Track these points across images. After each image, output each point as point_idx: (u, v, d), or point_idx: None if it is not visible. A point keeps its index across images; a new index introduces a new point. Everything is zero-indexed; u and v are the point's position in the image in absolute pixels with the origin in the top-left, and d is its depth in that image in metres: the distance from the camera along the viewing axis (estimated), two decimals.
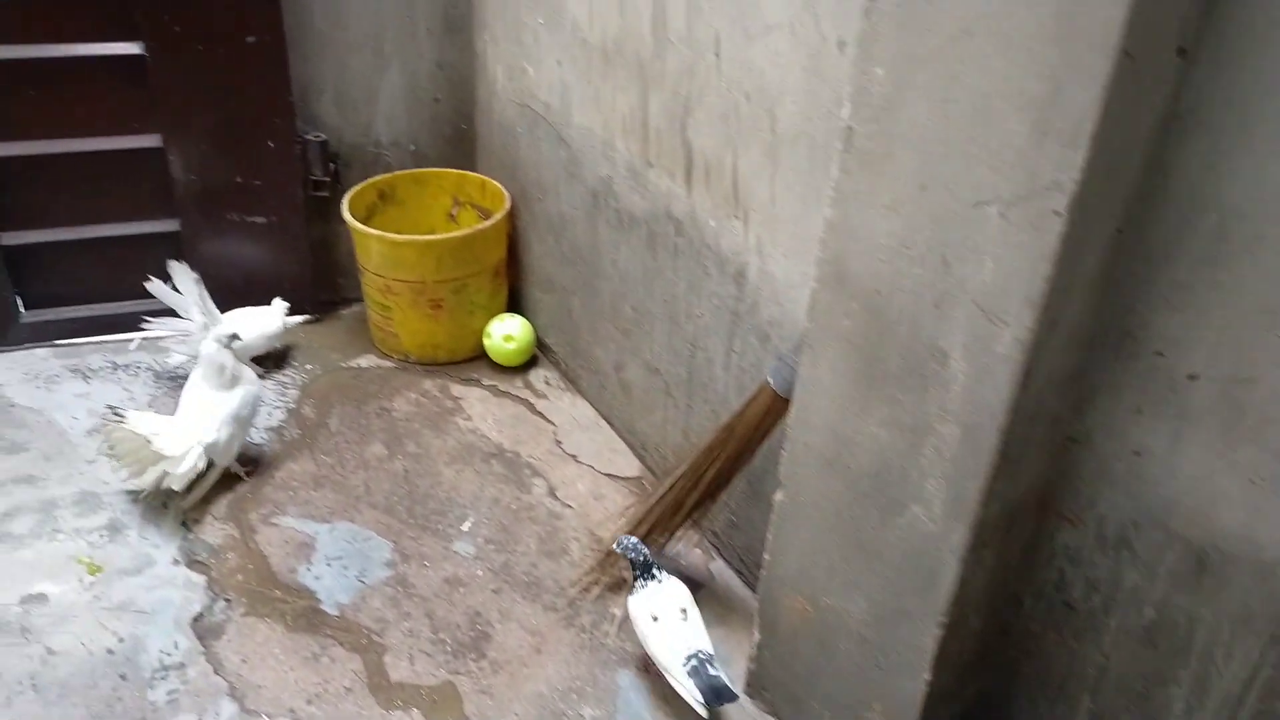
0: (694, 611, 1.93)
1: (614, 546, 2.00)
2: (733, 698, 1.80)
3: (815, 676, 1.76)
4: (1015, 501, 1.42)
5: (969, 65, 1.15)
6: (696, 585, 2.20)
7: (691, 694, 1.79)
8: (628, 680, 1.98)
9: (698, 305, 2.11)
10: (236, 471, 2.38)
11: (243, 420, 2.35)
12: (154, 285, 2.51)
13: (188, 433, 2.24)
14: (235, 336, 2.36)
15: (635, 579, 1.96)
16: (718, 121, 1.87)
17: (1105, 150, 1.08)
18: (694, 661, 1.82)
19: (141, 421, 2.19)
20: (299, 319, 2.84)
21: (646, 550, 1.96)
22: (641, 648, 1.96)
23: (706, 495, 1.98)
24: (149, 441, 2.17)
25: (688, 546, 2.23)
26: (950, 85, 1.18)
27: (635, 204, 2.24)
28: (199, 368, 2.36)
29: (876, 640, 1.60)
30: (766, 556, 1.77)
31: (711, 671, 1.82)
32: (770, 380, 1.77)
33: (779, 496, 1.69)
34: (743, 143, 1.82)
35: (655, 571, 1.96)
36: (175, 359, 2.65)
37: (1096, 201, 1.13)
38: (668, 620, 1.89)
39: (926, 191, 1.25)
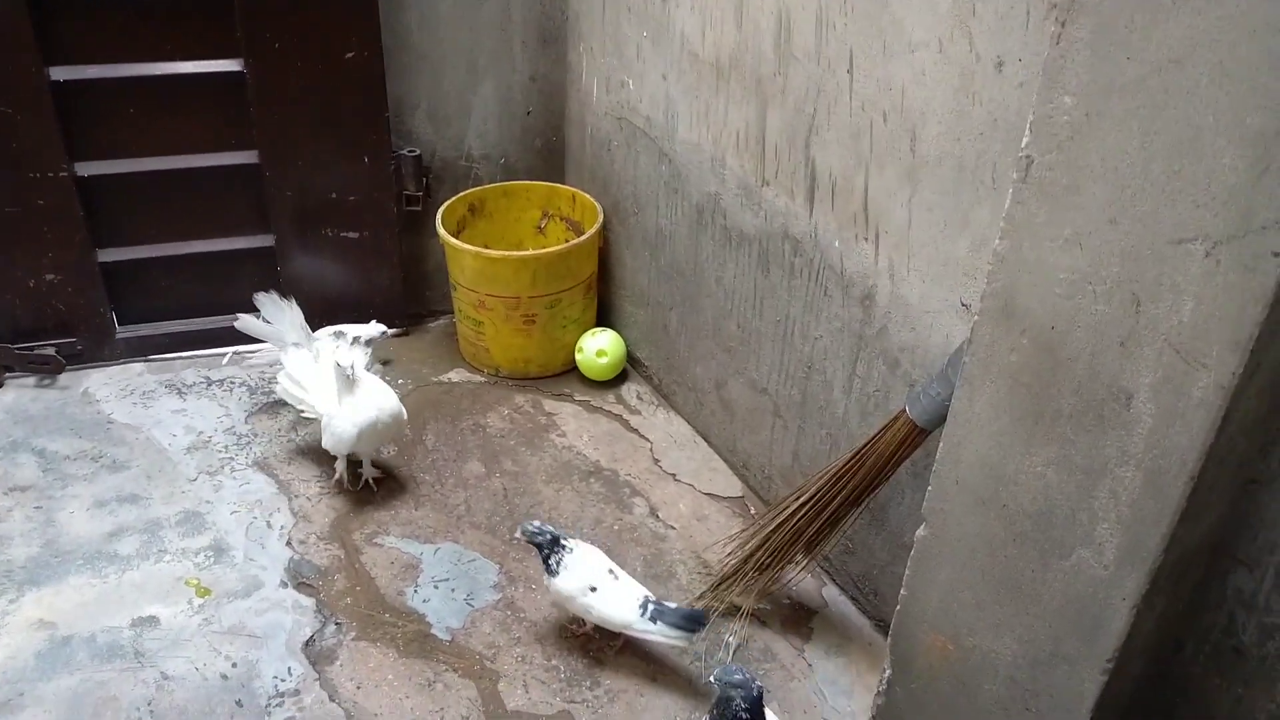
0: (616, 566, 2.00)
1: (518, 534, 2.01)
2: (705, 620, 1.93)
3: (953, 716, 1.70)
4: (1193, 547, 1.35)
5: (1176, 96, 1.09)
6: (810, 612, 2.16)
7: (666, 636, 1.90)
8: None
9: (815, 326, 2.06)
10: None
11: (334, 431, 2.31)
12: (243, 321, 2.46)
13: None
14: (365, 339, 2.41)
15: (548, 559, 1.96)
16: (848, 140, 1.82)
17: None
18: (651, 608, 1.91)
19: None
20: (390, 331, 2.82)
21: (549, 526, 1.98)
22: (578, 622, 2.04)
23: (829, 523, 1.93)
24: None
25: (799, 573, 2.18)
26: (1154, 116, 1.11)
27: (746, 221, 2.19)
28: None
29: (1028, 683, 1.53)
30: (904, 592, 1.71)
31: (671, 606, 1.93)
32: (908, 410, 1.72)
33: (922, 532, 1.63)
34: (876, 163, 1.76)
35: (564, 542, 1.97)
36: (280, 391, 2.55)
37: None
38: (605, 583, 1.95)
39: (1117, 226, 1.19)
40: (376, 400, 2.27)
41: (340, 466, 2.39)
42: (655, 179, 2.52)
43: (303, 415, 2.46)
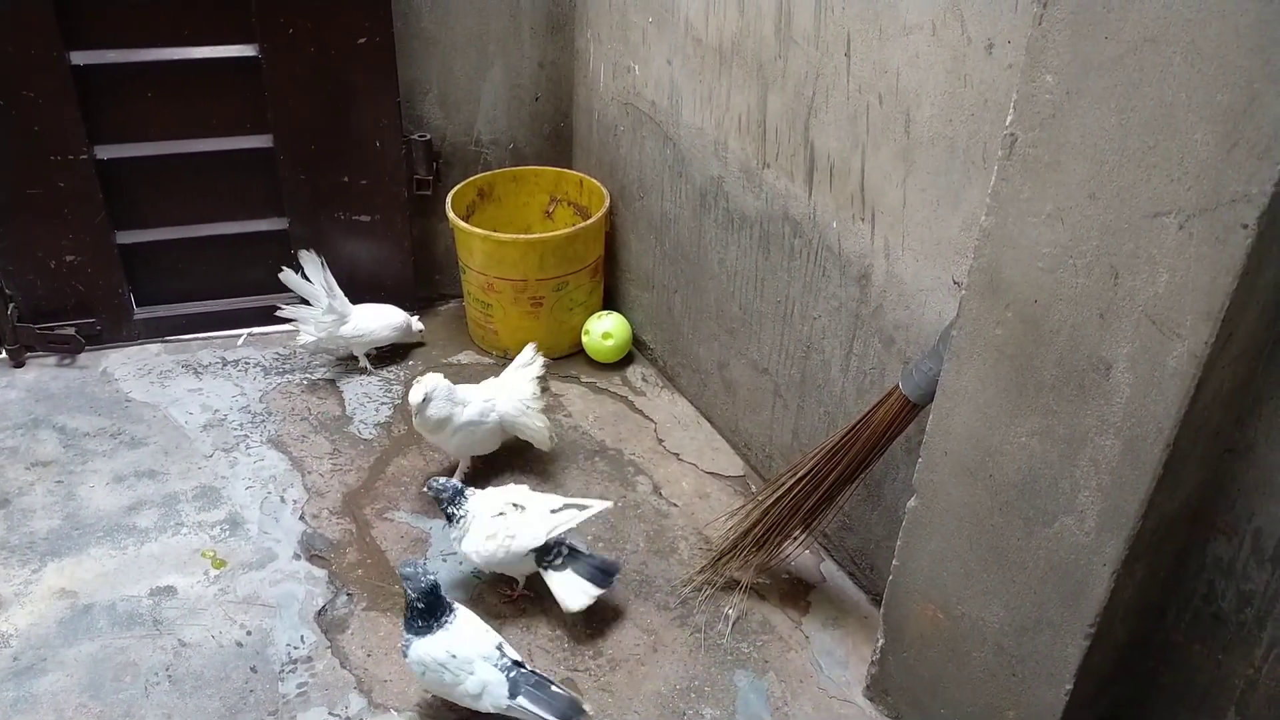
0: (522, 498, 2.09)
1: (425, 490, 2.08)
2: (616, 566, 2.08)
3: (943, 683, 1.75)
4: (1171, 514, 1.39)
5: (1151, 74, 1.13)
6: (808, 586, 2.21)
7: (592, 567, 2.04)
8: (745, 681, 1.98)
9: (814, 306, 2.10)
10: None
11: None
12: (286, 275, 2.61)
13: None
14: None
15: (454, 514, 2.04)
16: (845, 123, 1.86)
17: None
18: (564, 546, 2.05)
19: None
20: (421, 326, 2.91)
21: (454, 482, 2.07)
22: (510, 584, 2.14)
23: (825, 498, 1.98)
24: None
25: (797, 547, 2.22)
26: (1130, 94, 1.15)
27: (748, 204, 2.24)
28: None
29: (1014, 649, 1.58)
30: (896, 563, 1.76)
31: (582, 548, 2.09)
32: (901, 386, 1.76)
33: (912, 503, 1.68)
34: (872, 145, 1.80)
35: (467, 494, 2.06)
36: (304, 339, 2.71)
37: None
38: (513, 522, 2.04)
39: (1096, 201, 1.23)
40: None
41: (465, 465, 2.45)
42: (660, 163, 2.56)
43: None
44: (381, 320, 2.77)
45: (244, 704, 1.90)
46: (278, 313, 2.69)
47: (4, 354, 2.76)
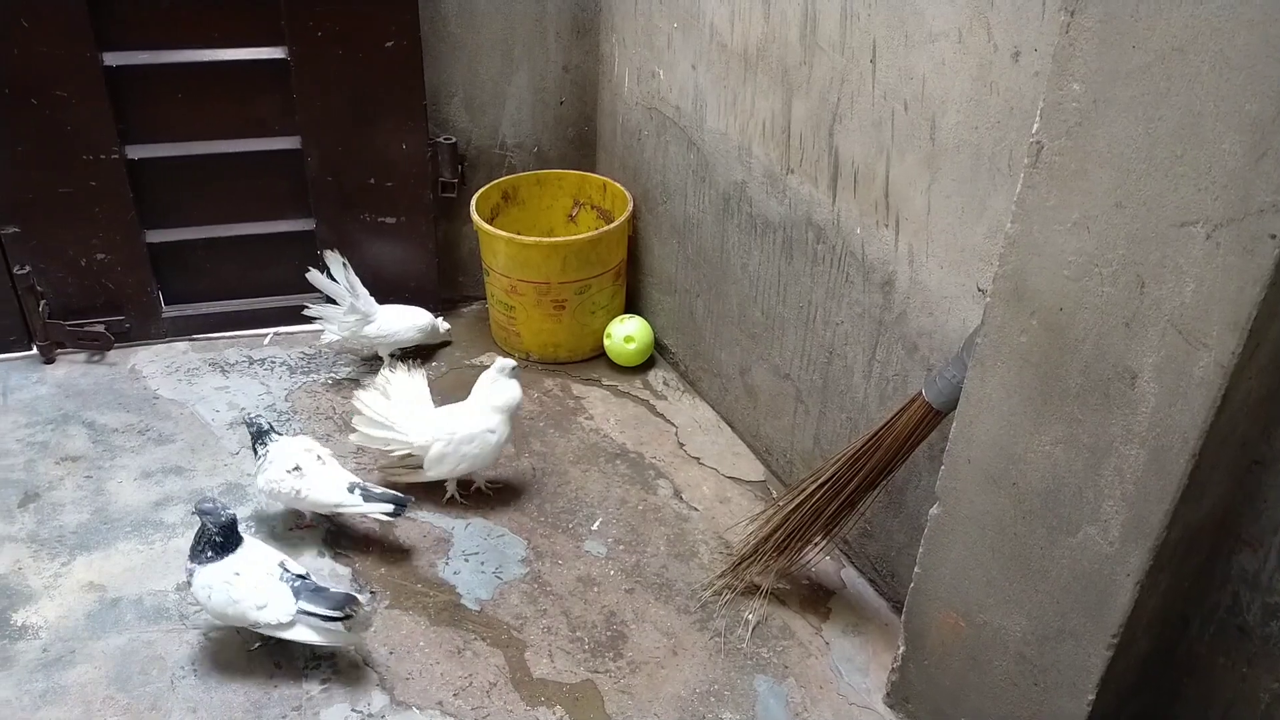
0: (325, 453, 2.22)
1: (244, 421, 2.25)
2: (408, 498, 2.17)
3: (964, 691, 1.75)
4: (1196, 525, 1.39)
5: (1179, 83, 1.13)
6: (828, 592, 2.21)
7: (379, 508, 2.14)
8: (765, 686, 1.98)
9: (837, 312, 2.10)
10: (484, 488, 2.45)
11: (469, 453, 2.34)
12: (313, 275, 2.64)
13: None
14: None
15: (255, 447, 2.21)
16: (870, 129, 1.86)
17: None
18: (359, 491, 2.15)
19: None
20: (448, 326, 2.94)
21: (261, 417, 2.24)
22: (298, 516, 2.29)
23: (847, 505, 1.98)
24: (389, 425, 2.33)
25: (818, 553, 2.23)
26: (1157, 103, 1.15)
27: (771, 209, 2.24)
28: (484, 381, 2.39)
29: (1036, 658, 1.58)
30: (917, 570, 1.76)
31: (376, 490, 2.17)
32: (924, 392, 1.76)
33: (935, 510, 1.68)
34: (897, 151, 1.80)
35: (275, 435, 2.22)
36: (328, 337, 2.74)
37: None
38: (312, 466, 2.17)
39: (1123, 209, 1.23)
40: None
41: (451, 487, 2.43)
42: (684, 168, 2.57)
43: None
44: (406, 321, 2.80)
45: (268, 699, 1.92)
46: (304, 312, 2.71)
47: (35, 350, 2.80)
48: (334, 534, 2.29)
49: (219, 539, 1.92)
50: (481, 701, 1.93)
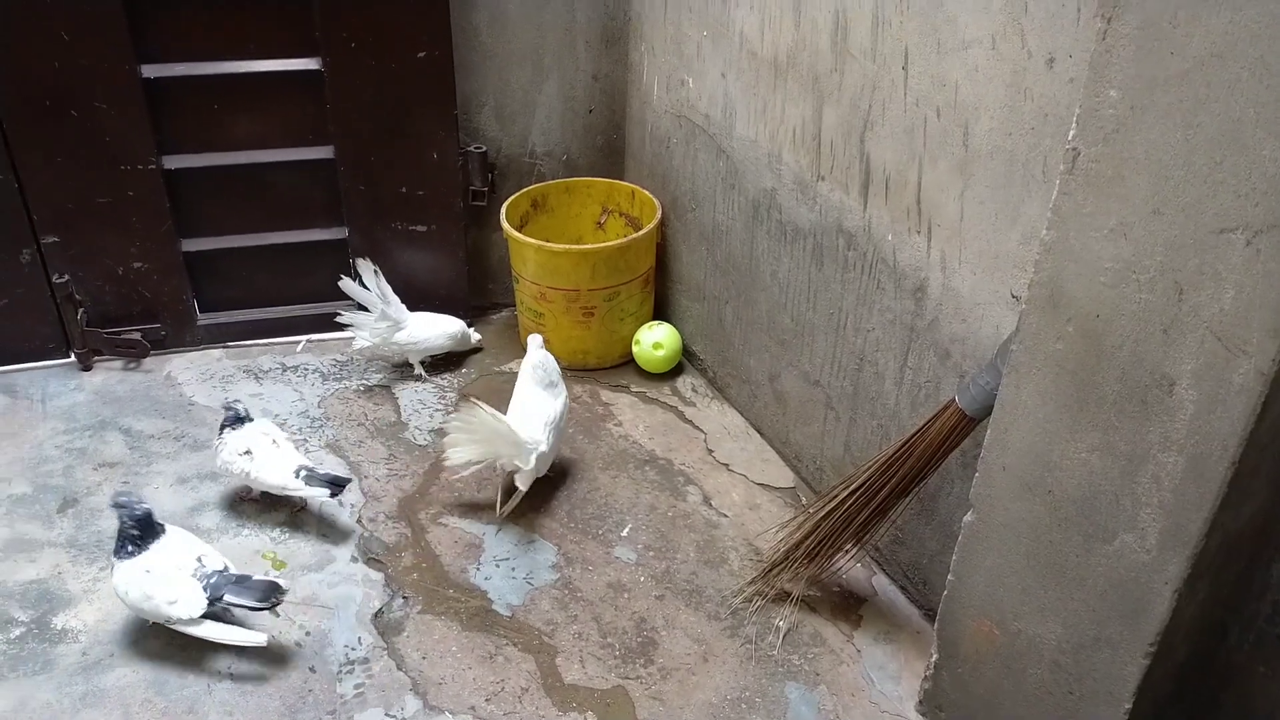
0: (281, 437, 2.33)
1: (223, 405, 2.35)
2: (347, 480, 2.31)
3: (998, 700, 1.74)
4: (1235, 532, 1.38)
5: (1218, 89, 1.12)
6: (859, 600, 2.20)
7: (318, 494, 2.26)
8: (797, 693, 1.98)
9: (868, 319, 2.10)
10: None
11: (561, 429, 2.43)
12: (345, 283, 2.68)
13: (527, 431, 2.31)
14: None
15: (224, 428, 2.32)
16: (902, 136, 1.86)
17: None
18: (303, 473, 2.25)
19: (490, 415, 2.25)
20: (479, 335, 2.97)
21: (238, 405, 2.33)
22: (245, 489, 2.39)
23: (878, 512, 1.97)
24: (509, 430, 2.25)
25: (848, 561, 2.22)
26: (1196, 109, 1.15)
27: (801, 216, 2.25)
28: (527, 370, 2.45)
29: (1072, 667, 1.57)
30: (951, 577, 1.75)
31: (321, 472, 2.28)
32: (957, 399, 1.76)
33: (969, 518, 1.67)
34: (930, 158, 1.80)
35: (243, 418, 2.32)
36: (358, 343, 2.78)
37: None
38: (263, 450, 2.29)
39: (1160, 216, 1.22)
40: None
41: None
42: (713, 175, 2.58)
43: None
44: (437, 329, 2.82)
45: (303, 703, 1.94)
46: (337, 318, 2.74)
47: (73, 357, 2.84)
48: (366, 540, 2.31)
49: (135, 532, 1.97)
50: (513, 707, 1.94)
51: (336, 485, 2.26)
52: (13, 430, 2.55)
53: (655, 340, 2.87)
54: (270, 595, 1.96)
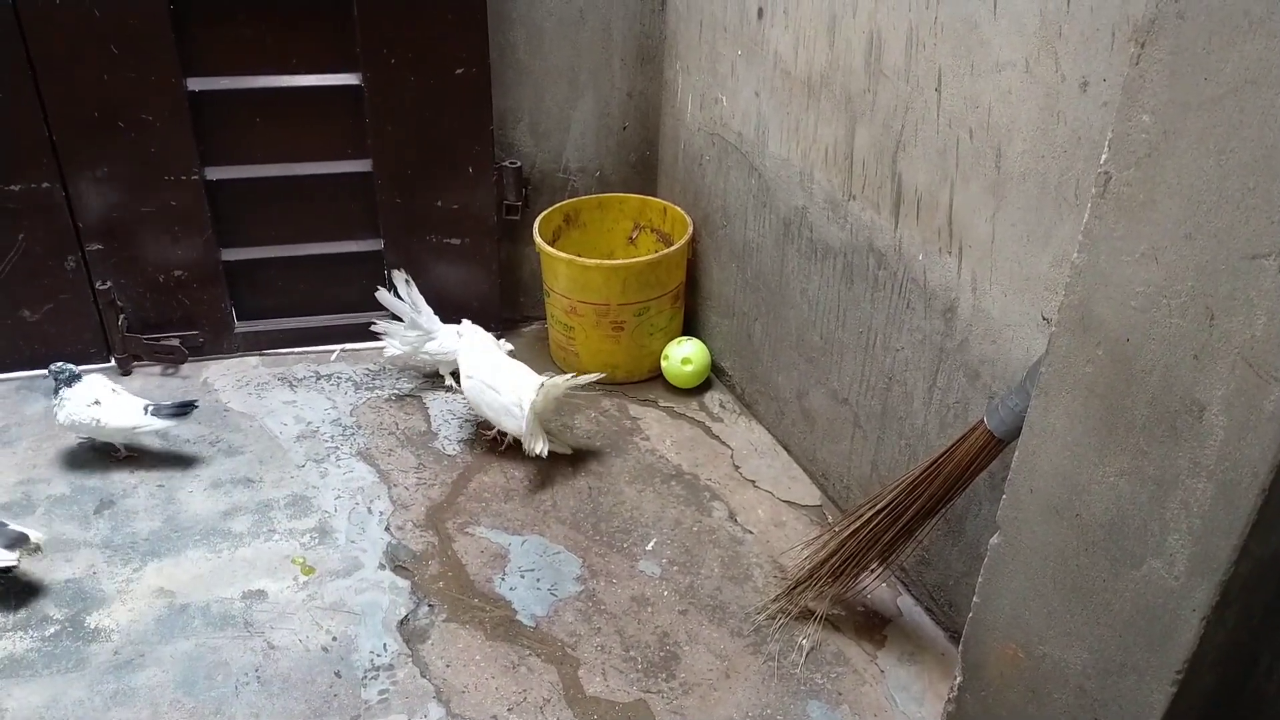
0: (117, 387, 2.53)
1: (47, 371, 2.50)
2: (192, 402, 2.55)
3: None
4: (1266, 560, 1.36)
5: (1252, 115, 1.12)
6: (883, 620, 2.19)
7: (169, 425, 2.51)
8: (819, 712, 1.98)
9: (897, 338, 2.10)
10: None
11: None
12: (381, 293, 2.74)
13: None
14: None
15: (58, 390, 2.47)
16: (934, 156, 1.87)
17: None
18: (150, 406, 2.48)
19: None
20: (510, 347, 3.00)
21: (69, 365, 2.49)
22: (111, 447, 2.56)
23: (904, 532, 1.97)
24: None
25: (874, 580, 2.22)
26: (1229, 135, 1.15)
27: (832, 235, 2.25)
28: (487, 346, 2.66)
29: (1097, 692, 1.55)
30: (976, 600, 1.74)
31: (166, 405, 2.50)
32: (986, 420, 1.75)
33: (995, 540, 1.66)
34: (962, 179, 1.81)
35: (78, 377, 2.49)
36: (389, 352, 2.83)
37: None
38: (108, 398, 2.48)
39: (1192, 241, 1.22)
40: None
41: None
42: (744, 193, 2.59)
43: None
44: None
45: (328, 708, 1.96)
46: (372, 327, 2.78)
47: (113, 362, 2.90)
48: (394, 547, 2.33)
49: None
50: (536, 717, 1.95)
51: (184, 409, 2.50)
52: (53, 432, 2.61)
53: (684, 355, 2.88)
54: (17, 545, 2.11)
